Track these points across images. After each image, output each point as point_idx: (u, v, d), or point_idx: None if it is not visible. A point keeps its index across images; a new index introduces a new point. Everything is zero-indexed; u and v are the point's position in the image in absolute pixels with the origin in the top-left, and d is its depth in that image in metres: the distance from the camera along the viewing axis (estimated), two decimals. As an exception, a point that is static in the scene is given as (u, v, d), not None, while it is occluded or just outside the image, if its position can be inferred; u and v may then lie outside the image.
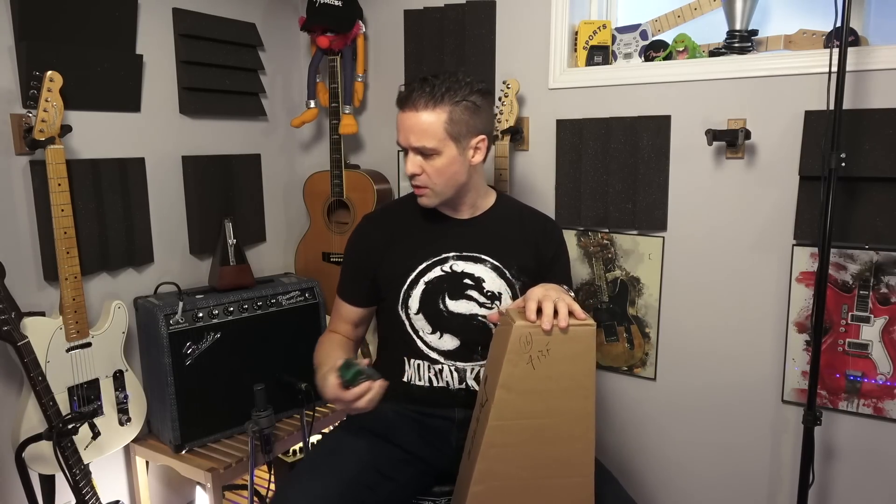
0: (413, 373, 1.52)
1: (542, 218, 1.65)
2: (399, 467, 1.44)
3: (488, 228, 1.55)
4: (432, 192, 1.46)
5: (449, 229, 1.54)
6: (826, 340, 1.74)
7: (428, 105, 1.38)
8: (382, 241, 1.55)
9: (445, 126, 1.39)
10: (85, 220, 1.80)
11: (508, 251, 1.52)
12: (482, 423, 1.23)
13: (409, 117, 1.40)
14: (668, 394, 2.01)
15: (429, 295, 1.49)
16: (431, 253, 1.51)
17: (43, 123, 1.56)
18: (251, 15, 2.29)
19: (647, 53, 1.98)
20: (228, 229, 2.07)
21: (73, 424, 1.57)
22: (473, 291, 1.50)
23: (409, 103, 1.39)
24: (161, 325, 1.84)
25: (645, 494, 2.08)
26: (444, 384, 1.51)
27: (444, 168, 1.42)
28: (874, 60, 1.61)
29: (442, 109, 1.38)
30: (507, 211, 1.60)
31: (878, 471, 1.74)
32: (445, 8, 2.19)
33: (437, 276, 1.50)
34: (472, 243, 1.52)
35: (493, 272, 1.51)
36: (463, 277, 1.50)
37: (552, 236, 1.60)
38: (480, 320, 1.50)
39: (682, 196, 1.91)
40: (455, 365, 1.50)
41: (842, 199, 1.66)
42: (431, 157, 1.41)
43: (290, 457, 2.24)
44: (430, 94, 1.38)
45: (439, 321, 1.50)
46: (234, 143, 2.28)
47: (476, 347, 1.50)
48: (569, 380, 1.19)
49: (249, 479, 1.85)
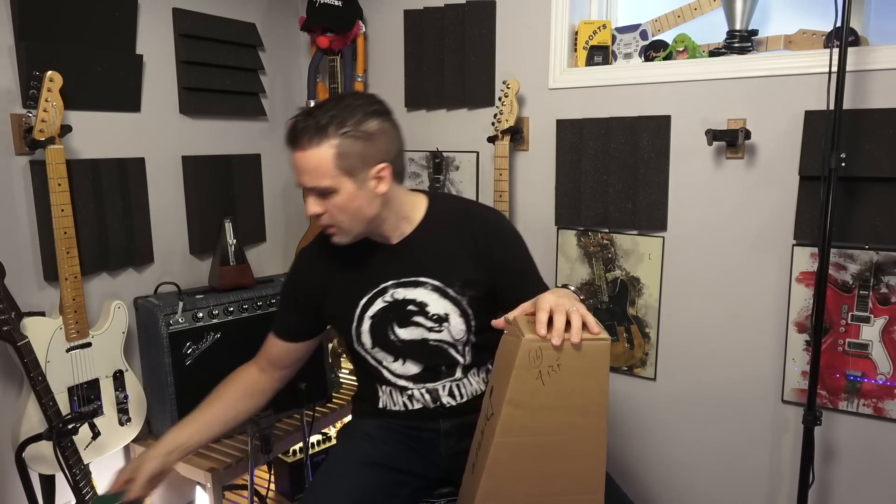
0: (387, 399, 1.49)
1: (483, 219, 1.44)
2: (394, 492, 1.41)
3: (422, 247, 1.41)
4: (340, 230, 1.33)
5: (382, 257, 1.42)
6: (826, 340, 1.74)
7: (312, 141, 1.23)
8: (319, 278, 1.46)
9: (335, 161, 1.24)
10: (85, 220, 1.80)
11: (447, 267, 1.39)
12: (487, 437, 1.18)
13: (298, 157, 1.26)
14: (668, 394, 2.01)
15: (377, 328, 1.42)
16: (369, 286, 1.41)
17: (43, 123, 1.56)
18: (251, 15, 2.29)
19: (647, 53, 1.98)
20: (228, 229, 2.07)
21: (73, 424, 1.57)
22: (419, 317, 1.41)
23: (295, 142, 1.26)
24: (161, 325, 1.84)
25: (645, 494, 2.08)
26: (419, 406, 1.47)
27: (345, 205, 1.28)
28: (874, 60, 1.61)
29: (329, 144, 1.23)
30: (441, 221, 1.42)
31: (878, 471, 1.74)
32: (445, 8, 2.19)
33: (380, 307, 1.41)
34: (407, 268, 1.40)
35: (434, 293, 1.39)
36: (406, 304, 1.40)
37: (497, 239, 1.41)
38: (433, 344, 1.42)
39: (682, 196, 1.91)
40: (425, 387, 1.46)
41: (842, 199, 1.66)
42: (329, 195, 1.28)
43: (290, 457, 2.24)
44: (314, 128, 1.24)
45: (395, 350, 1.44)
46: (234, 143, 2.28)
47: (439, 368, 1.45)
48: (580, 396, 1.13)
49: (249, 479, 1.85)
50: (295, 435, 2.06)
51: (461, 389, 1.47)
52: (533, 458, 1.16)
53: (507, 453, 1.15)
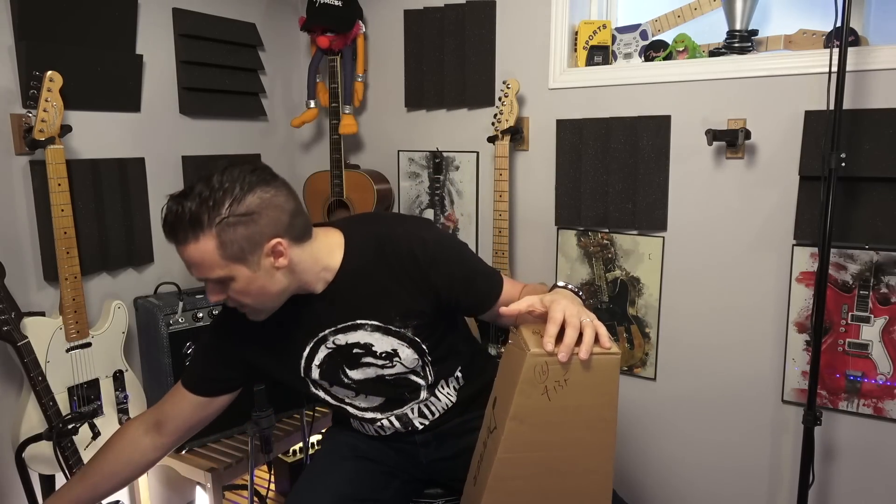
0: (359, 425, 1.46)
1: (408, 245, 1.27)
2: (383, 482, 1.41)
3: (350, 290, 1.28)
4: (251, 310, 1.23)
5: (313, 306, 1.29)
6: (826, 340, 1.74)
7: (188, 237, 1.11)
8: (252, 336, 1.33)
9: (220, 252, 1.12)
10: (85, 220, 1.80)
11: (382, 303, 1.29)
12: (490, 451, 1.14)
13: (181, 252, 1.14)
14: (667, 394, 2.01)
15: (328, 373, 1.35)
16: (308, 336, 1.32)
17: (43, 123, 1.56)
18: (251, 15, 2.29)
19: (647, 53, 1.98)
20: (228, 229, 2.07)
21: (73, 424, 1.57)
22: (368, 357, 1.33)
23: (173, 236, 1.13)
24: (161, 325, 1.84)
25: (645, 494, 2.08)
26: (392, 430, 1.43)
27: (246, 289, 1.17)
28: (874, 60, 1.61)
29: (207, 236, 1.10)
30: (363, 256, 1.28)
31: (878, 471, 1.74)
32: (445, 8, 2.19)
33: (325, 354, 1.33)
34: (341, 314, 1.30)
35: (376, 333, 1.30)
36: (351, 348, 1.32)
37: (429, 261, 1.26)
38: (390, 378, 1.35)
39: (682, 196, 1.91)
40: (393, 414, 1.41)
41: (842, 199, 1.66)
42: (226, 283, 1.16)
43: (290, 457, 2.24)
44: (187, 222, 1.10)
45: (353, 387, 1.37)
46: (234, 143, 2.28)
47: (402, 396, 1.39)
48: (588, 411, 1.08)
49: (249, 479, 1.85)
50: (295, 435, 2.06)
51: (430, 408, 1.42)
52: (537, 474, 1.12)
53: (510, 469, 1.11)
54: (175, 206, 1.12)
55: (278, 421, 2.08)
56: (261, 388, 1.80)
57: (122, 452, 1.34)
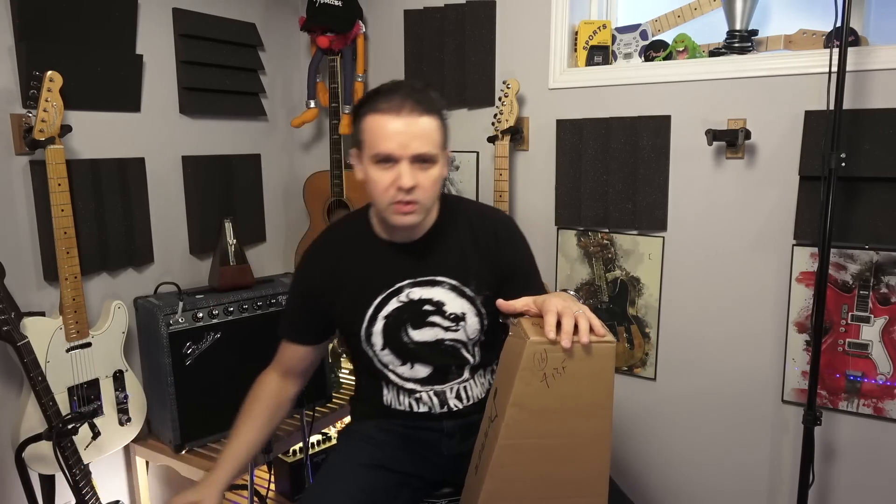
0: (392, 398, 1.47)
1: (493, 220, 1.46)
2: (394, 492, 1.41)
3: (438, 246, 1.40)
4: (422, 207, 1.30)
5: (398, 255, 1.40)
6: (826, 340, 1.74)
7: (424, 111, 1.25)
8: (330, 279, 1.42)
9: (440, 133, 1.29)
10: (85, 220, 1.80)
11: (463, 267, 1.40)
12: (491, 439, 1.17)
13: (411, 122, 1.24)
14: (667, 394, 2.01)
15: (390, 329, 1.40)
16: (384, 285, 1.39)
17: (43, 123, 1.56)
18: (251, 15, 2.29)
19: (647, 53, 1.98)
20: (228, 229, 2.07)
21: (73, 424, 1.57)
22: (436, 317, 1.39)
23: (404, 104, 1.24)
24: (161, 325, 1.84)
25: (645, 494, 2.08)
26: (425, 409, 1.45)
27: (438, 179, 1.30)
28: (874, 60, 1.61)
29: (435, 116, 1.28)
30: (454, 221, 1.43)
31: (878, 471, 1.74)
32: (445, 8, 2.19)
33: (394, 307, 1.39)
34: (424, 267, 1.39)
35: (452, 293, 1.39)
36: (422, 304, 1.39)
37: (506, 240, 1.44)
38: (448, 344, 1.42)
39: (682, 196, 1.91)
40: (433, 389, 1.44)
41: (842, 199, 1.66)
42: (427, 166, 1.27)
43: (290, 457, 2.24)
44: (426, 99, 1.27)
45: (406, 353, 1.41)
46: (234, 143, 2.28)
47: (450, 369, 1.44)
48: (585, 399, 1.12)
49: (249, 479, 1.85)
50: (295, 435, 2.06)
51: (468, 392, 1.46)
52: (537, 460, 1.15)
53: (510, 456, 1.15)
54: (407, 84, 1.30)
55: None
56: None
57: (273, 399, 1.49)
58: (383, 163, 1.27)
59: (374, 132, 1.26)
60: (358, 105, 1.34)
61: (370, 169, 1.29)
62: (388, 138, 1.25)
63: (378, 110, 1.26)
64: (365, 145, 1.30)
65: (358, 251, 1.43)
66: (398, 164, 1.26)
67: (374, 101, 1.28)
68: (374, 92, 1.30)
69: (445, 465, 1.47)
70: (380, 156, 1.26)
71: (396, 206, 1.29)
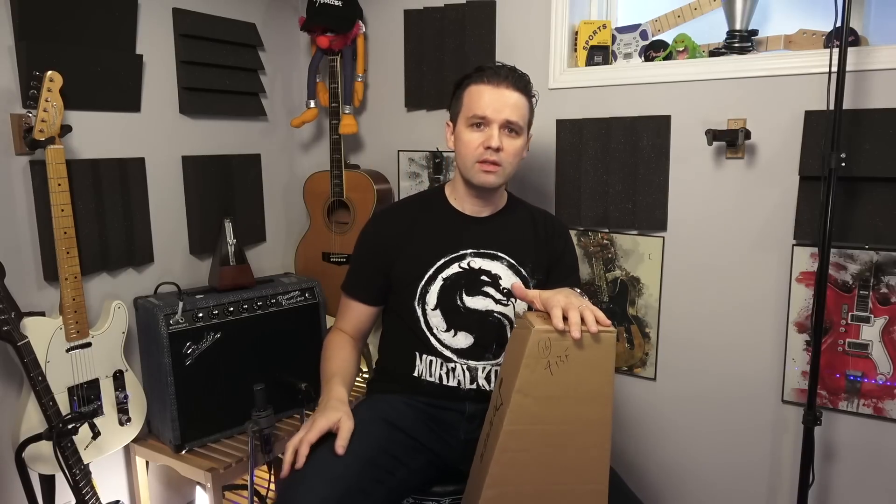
0: (424, 368, 1.52)
1: (551, 217, 1.70)
2: (411, 454, 1.43)
3: (503, 226, 1.58)
4: (502, 171, 1.49)
5: (466, 226, 1.56)
6: (826, 340, 1.74)
7: (519, 87, 1.47)
8: (398, 236, 1.55)
9: (529, 112, 1.51)
10: (85, 220, 1.80)
11: (523, 249, 1.56)
12: (496, 427, 1.21)
13: (505, 93, 1.46)
14: (667, 394, 2.01)
15: (446, 291, 1.51)
16: (449, 249, 1.52)
17: (43, 123, 1.56)
18: (251, 15, 2.29)
19: (647, 53, 1.98)
20: (228, 229, 2.07)
21: (73, 424, 1.57)
22: (490, 288, 1.52)
23: (504, 80, 1.46)
24: (161, 325, 1.84)
25: (645, 494, 2.08)
26: (454, 383, 1.51)
27: (519, 150, 1.50)
28: (874, 60, 1.61)
29: (526, 96, 1.49)
30: (519, 210, 1.65)
31: (878, 471, 1.74)
32: (445, 8, 2.19)
33: (454, 272, 1.51)
34: (489, 241, 1.55)
35: (508, 269, 1.53)
36: (480, 274, 1.52)
37: (560, 233, 1.65)
38: (496, 317, 1.52)
39: (682, 196, 1.91)
40: (468, 363, 1.51)
41: (842, 199, 1.66)
42: (514, 135, 1.48)
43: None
44: (524, 80, 1.49)
45: (455, 318, 1.51)
46: (234, 143, 2.28)
47: (490, 345, 1.51)
48: (587, 386, 1.17)
49: (249, 479, 1.85)
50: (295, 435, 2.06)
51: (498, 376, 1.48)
52: (540, 446, 1.20)
53: (515, 441, 1.19)
54: (513, 68, 1.51)
55: (278, 421, 2.08)
56: (261, 388, 1.81)
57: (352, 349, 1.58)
58: (477, 125, 1.48)
59: (474, 97, 1.48)
60: (463, 77, 1.55)
61: (464, 131, 1.50)
62: (485, 104, 1.46)
63: (481, 81, 1.48)
64: (462, 110, 1.51)
65: (430, 216, 1.59)
66: (489, 127, 1.46)
67: (479, 74, 1.50)
68: (479, 67, 1.52)
69: (461, 448, 1.49)
70: (476, 117, 1.47)
71: (481, 165, 1.48)
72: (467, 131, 1.49)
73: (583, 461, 1.21)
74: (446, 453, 1.50)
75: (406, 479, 1.40)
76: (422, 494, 1.51)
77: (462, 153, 1.51)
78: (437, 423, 1.50)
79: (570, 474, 1.21)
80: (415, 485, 1.46)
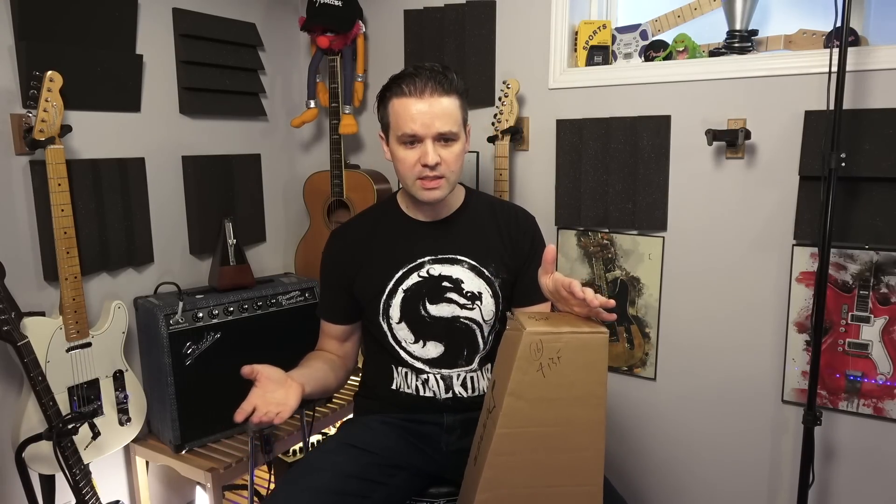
0: (401, 380, 1.51)
1: (514, 210, 1.58)
2: (387, 472, 1.42)
3: (461, 228, 1.51)
4: (447, 182, 1.40)
5: (421, 233, 1.49)
6: (826, 340, 1.74)
7: (445, 91, 1.36)
8: (354, 254, 1.51)
9: (461, 111, 1.39)
10: (85, 220, 1.80)
11: (484, 249, 1.49)
12: (489, 429, 1.21)
13: (433, 103, 1.34)
14: (667, 394, 2.01)
15: (408, 302, 1.46)
16: (406, 259, 1.47)
17: (43, 123, 1.56)
18: (251, 15, 2.29)
19: (647, 53, 1.98)
20: (228, 229, 2.07)
21: (73, 424, 1.57)
22: (453, 294, 1.47)
23: (426, 87, 1.34)
24: (161, 325, 1.84)
25: (644, 494, 2.08)
26: (430, 394, 1.49)
27: (460, 154, 1.41)
28: (874, 60, 1.61)
29: (455, 96, 1.38)
30: (479, 207, 1.54)
31: (878, 471, 1.74)
32: (445, 8, 2.19)
33: (414, 282, 1.46)
34: (446, 245, 1.48)
35: (470, 272, 1.47)
36: (441, 280, 1.46)
37: (526, 227, 1.55)
38: (463, 322, 1.47)
39: (682, 196, 1.91)
40: (440, 373, 1.48)
41: (842, 199, 1.66)
42: (450, 143, 1.38)
43: (290, 457, 2.24)
44: (445, 80, 1.36)
45: (422, 328, 1.47)
46: (234, 143, 2.28)
47: (461, 352, 1.48)
48: (580, 388, 1.17)
49: (249, 479, 1.85)
50: (295, 435, 2.06)
51: (474, 382, 1.49)
52: (534, 449, 1.19)
53: (508, 444, 1.18)
54: (428, 67, 1.37)
55: (278, 421, 2.08)
56: (261, 388, 1.80)
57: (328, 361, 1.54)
58: (409, 143, 1.37)
59: (399, 114, 1.37)
60: (383, 89, 1.42)
61: (397, 149, 1.40)
62: (412, 119, 1.35)
63: (402, 93, 1.36)
64: (391, 127, 1.40)
65: (384, 228, 1.52)
66: (423, 143, 1.36)
67: (397, 85, 1.38)
68: (397, 76, 1.40)
69: (444, 460, 1.48)
70: (405, 136, 1.37)
71: (422, 182, 1.39)
72: (401, 149, 1.39)
73: (577, 462, 1.20)
74: (430, 466, 1.49)
75: (387, 497, 1.40)
76: (416, 496, 1.51)
77: (400, 171, 1.41)
78: (416, 437, 1.49)
79: (565, 476, 1.21)
80: (400, 499, 1.45)
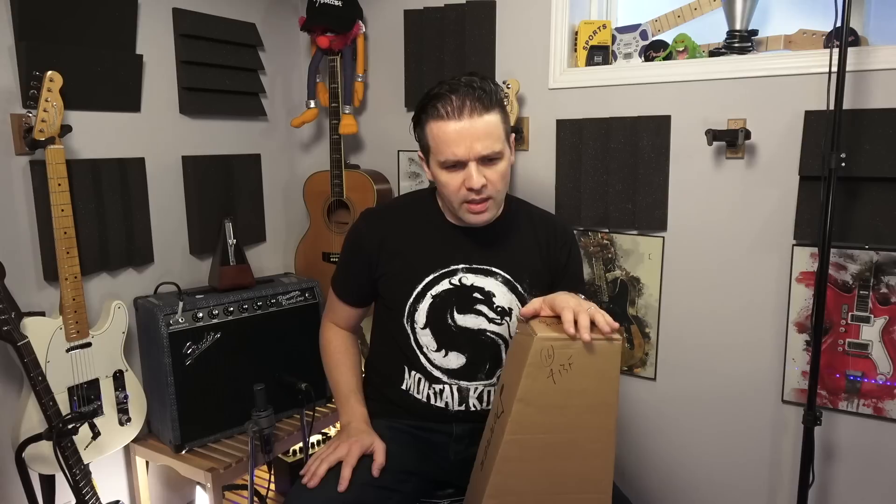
0: (412, 384, 1.46)
1: (553, 221, 1.55)
2: (401, 478, 1.40)
3: (499, 237, 1.44)
4: (494, 203, 1.34)
5: (458, 238, 1.43)
6: (826, 340, 1.74)
7: (484, 107, 1.28)
8: (385, 241, 1.44)
9: (503, 126, 1.32)
10: (85, 220, 1.80)
11: (520, 262, 1.44)
12: (497, 435, 1.18)
13: (473, 124, 1.27)
14: (667, 394, 2.01)
15: (436, 309, 1.41)
16: (439, 264, 1.41)
17: (43, 123, 1.56)
18: (251, 15, 2.29)
19: (647, 53, 1.98)
20: (228, 229, 2.07)
21: (73, 424, 1.57)
22: (483, 306, 1.42)
23: (466, 108, 1.27)
24: (161, 325, 1.84)
25: (645, 494, 2.08)
26: (442, 405, 1.44)
27: (506, 172, 1.34)
28: (874, 60, 1.61)
29: (495, 111, 1.30)
30: (517, 218, 1.49)
31: (878, 471, 1.74)
32: (445, 8, 2.19)
33: (445, 289, 1.41)
34: (482, 255, 1.42)
35: (503, 286, 1.42)
36: (472, 291, 1.41)
37: (564, 241, 1.51)
38: (489, 335, 1.43)
39: (682, 196, 1.91)
40: (458, 384, 1.43)
41: (842, 199, 1.66)
42: (495, 162, 1.31)
43: (290, 457, 2.24)
44: (484, 97, 1.28)
45: (446, 337, 1.42)
46: (234, 143, 2.28)
47: (482, 366, 1.44)
48: (591, 395, 1.14)
49: (249, 479, 1.85)
50: (295, 435, 2.06)
51: (489, 396, 1.45)
52: (542, 456, 1.16)
53: (516, 451, 1.16)
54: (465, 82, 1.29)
55: (278, 421, 2.08)
56: (261, 388, 1.81)
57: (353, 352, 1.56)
58: (451, 167, 1.31)
59: (439, 138, 1.30)
60: (418, 110, 1.36)
61: (439, 172, 1.34)
62: (453, 143, 1.28)
63: (439, 116, 1.29)
64: (431, 151, 1.34)
65: (420, 223, 1.46)
66: (466, 166, 1.30)
67: (433, 107, 1.30)
68: (433, 95, 1.31)
69: (451, 467, 1.47)
70: (448, 162, 1.31)
71: (469, 206, 1.34)
72: (443, 173, 1.33)
73: (586, 471, 1.17)
74: (438, 474, 1.47)
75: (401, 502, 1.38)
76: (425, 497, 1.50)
77: (444, 195, 1.36)
78: (424, 444, 1.46)
79: (573, 484, 1.18)
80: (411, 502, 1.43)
